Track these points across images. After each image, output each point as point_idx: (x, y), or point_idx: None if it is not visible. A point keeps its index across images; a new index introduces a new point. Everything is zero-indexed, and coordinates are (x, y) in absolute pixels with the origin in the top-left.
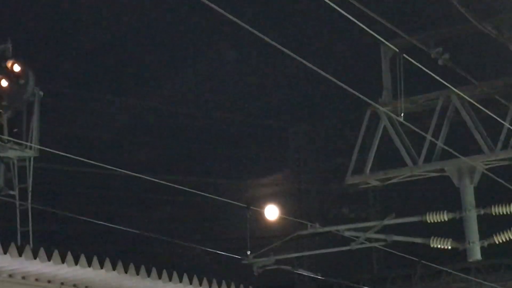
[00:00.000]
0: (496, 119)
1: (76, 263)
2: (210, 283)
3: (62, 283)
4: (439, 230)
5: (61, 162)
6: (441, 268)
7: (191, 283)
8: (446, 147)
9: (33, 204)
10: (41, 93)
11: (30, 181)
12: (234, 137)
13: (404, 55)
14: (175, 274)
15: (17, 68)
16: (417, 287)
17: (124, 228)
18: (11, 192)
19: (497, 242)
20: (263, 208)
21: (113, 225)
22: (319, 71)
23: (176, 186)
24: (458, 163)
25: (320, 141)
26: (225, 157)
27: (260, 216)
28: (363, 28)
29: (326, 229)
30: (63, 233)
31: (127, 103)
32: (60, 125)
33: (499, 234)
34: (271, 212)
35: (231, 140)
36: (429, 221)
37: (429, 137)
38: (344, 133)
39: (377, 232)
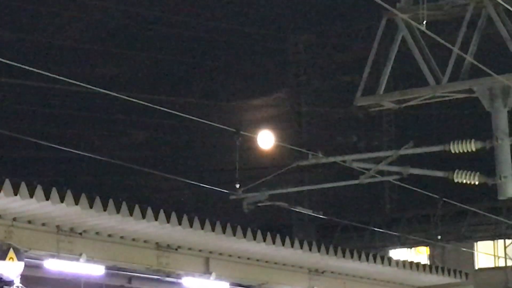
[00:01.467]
0: None
1: (31, 195)
2: (191, 222)
3: (14, 219)
4: (465, 162)
5: (15, 75)
6: (467, 207)
7: (168, 222)
8: (476, 63)
9: None
10: None
11: None
12: (223, 49)
13: None
14: (149, 211)
15: None
16: (437, 230)
17: (90, 155)
18: None
19: None
20: (255, 134)
21: (76, 151)
22: None
23: (152, 105)
24: (490, 83)
25: (324, 54)
26: (211, 73)
27: (252, 143)
28: None
29: (331, 159)
30: (15, 160)
31: (100, 6)
32: (17, 29)
33: None
34: (265, 139)
35: (219, 52)
36: (453, 152)
37: (456, 50)
38: (353, 45)
39: (391, 164)
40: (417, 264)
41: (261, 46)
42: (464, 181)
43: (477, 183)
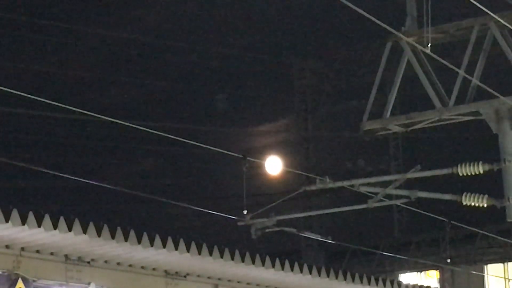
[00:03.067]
0: None
1: (39, 225)
2: (199, 248)
3: (22, 249)
4: (473, 185)
5: (21, 105)
6: (476, 230)
7: (176, 249)
8: (482, 85)
9: None
10: None
11: None
12: (230, 76)
13: None
14: (157, 238)
15: None
16: (446, 253)
17: (97, 183)
18: None
19: None
20: (263, 159)
21: (83, 180)
22: None
23: (160, 133)
24: (496, 104)
25: (330, 79)
26: (219, 99)
27: (259, 169)
28: None
29: (338, 184)
30: (23, 189)
31: (102, 34)
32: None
33: None
34: (273, 165)
35: (227, 79)
36: (460, 174)
37: (462, 72)
38: (359, 70)
39: (399, 187)
40: None
41: (267, 72)
42: (473, 204)
43: (485, 205)
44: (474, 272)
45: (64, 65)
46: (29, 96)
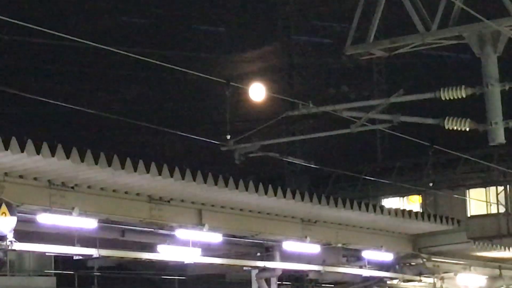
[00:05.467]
0: None
1: (22, 150)
2: (183, 174)
3: (5, 174)
4: (455, 110)
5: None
6: (458, 154)
7: (160, 174)
8: (466, 8)
9: None
10: None
11: None
12: (213, 2)
13: None
14: (141, 164)
15: None
16: (429, 178)
17: (81, 109)
18: None
19: None
20: (246, 86)
21: (67, 105)
22: None
23: (143, 59)
24: (480, 28)
25: (313, 5)
26: (202, 26)
27: (243, 96)
28: None
29: (321, 109)
30: (6, 115)
31: None
32: None
33: None
34: (257, 91)
35: (210, 6)
36: (443, 98)
37: None
38: None
39: (382, 112)
40: (410, 212)
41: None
42: (455, 128)
43: (468, 129)
44: (456, 196)
45: None
46: (13, 21)
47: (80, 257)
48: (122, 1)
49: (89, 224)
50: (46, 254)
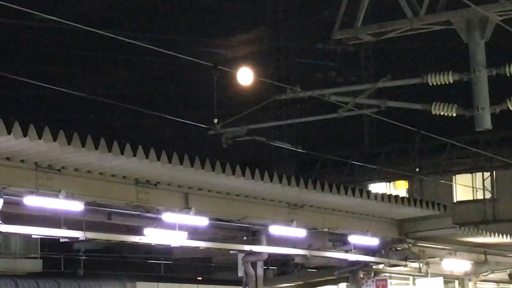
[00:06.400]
0: None
1: (9, 132)
2: (169, 157)
3: None
4: (443, 95)
5: None
6: (445, 140)
7: (147, 157)
8: None
9: None
10: None
11: None
12: None
13: None
14: (128, 147)
15: None
16: (415, 163)
17: (68, 91)
18: None
19: (511, 108)
20: (234, 69)
21: (55, 88)
22: None
23: (131, 41)
24: (467, 14)
25: None
26: (190, 10)
27: (231, 79)
28: None
29: (309, 93)
30: None
31: None
32: None
33: None
34: (244, 75)
35: None
36: (430, 84)
37: None
38: None
39: (370, 97)
40: (396, 197)
41: None
42: (442, 113)
43: (454, 115)
44: (442, 181)
45: None
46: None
47: (67, 240)
48: None
49: (76, 206)
50: (33, 236)
